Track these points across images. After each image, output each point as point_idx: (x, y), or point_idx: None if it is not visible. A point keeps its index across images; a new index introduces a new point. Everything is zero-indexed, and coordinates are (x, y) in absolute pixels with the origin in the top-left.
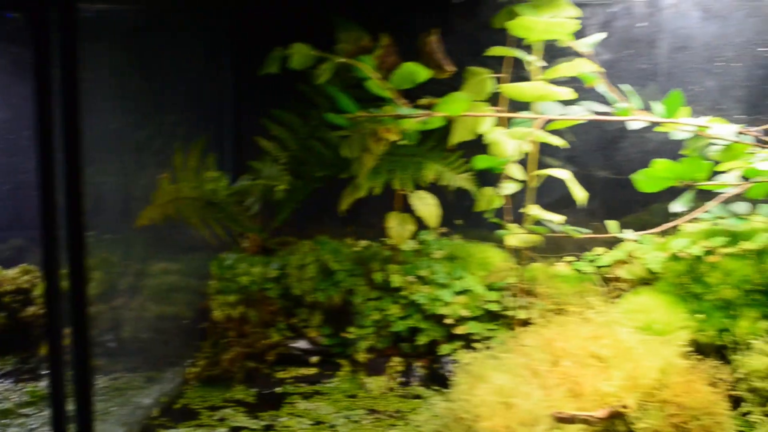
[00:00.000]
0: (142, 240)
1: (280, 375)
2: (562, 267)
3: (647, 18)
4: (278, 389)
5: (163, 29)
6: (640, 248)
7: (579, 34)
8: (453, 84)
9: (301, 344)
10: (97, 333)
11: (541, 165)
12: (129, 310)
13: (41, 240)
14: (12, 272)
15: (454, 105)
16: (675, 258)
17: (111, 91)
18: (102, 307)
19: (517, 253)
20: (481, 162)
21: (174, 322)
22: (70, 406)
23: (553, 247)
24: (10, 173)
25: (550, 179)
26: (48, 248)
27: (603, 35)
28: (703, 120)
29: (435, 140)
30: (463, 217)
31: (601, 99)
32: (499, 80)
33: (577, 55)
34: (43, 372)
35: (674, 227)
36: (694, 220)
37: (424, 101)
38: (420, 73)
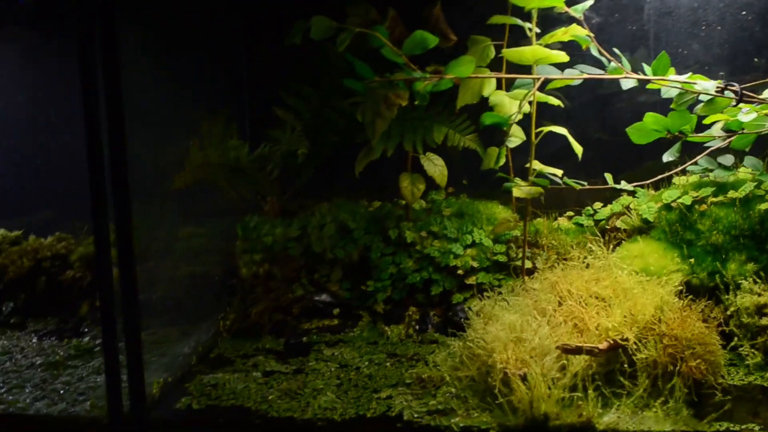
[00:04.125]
0: (173, 205)
1: (305, 326)
2: (563, 221)
3: None
4: (304, 338)
5: (191, 13)
6: (635, 201)
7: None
8: (456, 54)
9: (324, 297)
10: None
11: (540, 126)
12: (164, 270)
13: (91, 210)
14: (48, 240)
15: (461, 68)
16: (667, 208)
17: (147, 67)
18: (138, 268)
19: (520, 209)
20: (488, 118)
21: (205, 280)
22: (120, 357)
23: (555, 203)
24: (38, 151)
25: (548, 144)
26: (97, 216)
27: (592, 1)
28: (687, 76)
29: (442, 105)
30: (469, 176)
31: (594, 64)
32: (499, 48)
33: (568, 23)
34: (85, 329)
35: (666, 179)
36: (684, 173)
37: (430, 69)
38: (430, 39)
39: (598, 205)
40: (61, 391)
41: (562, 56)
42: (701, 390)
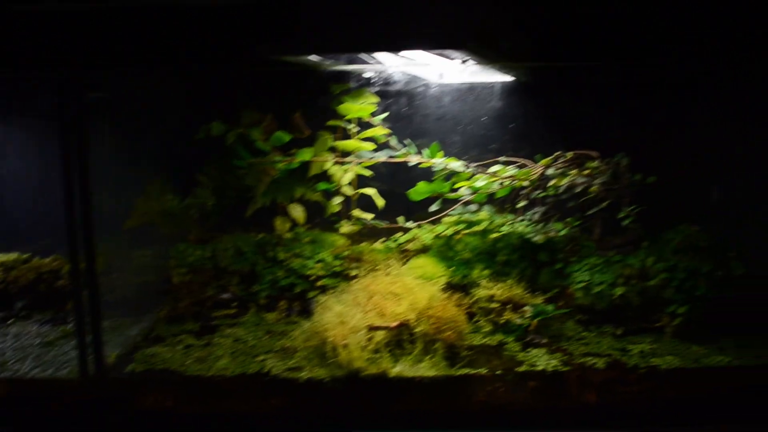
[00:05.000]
0: (129, 237)
1: (214, 314)
2: (378, 245)
3: (421, 101)
4: (213, 322)
5: (140, 109)
6: (420, 232)
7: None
8: (311, 141)
9: (226, 295)
10: (102, 294)
11: (361, 185)
12: (122, 280)
13: (68, 240)
14: (47, 260)
15: (304, 154)
16: (438, 237)
17: (110, 147)
18: (105, 278)
19: (351, 237)
20: (322, 185)
21: (149, 286)
22: (88, 338)
23: (374, 234)
24: (43, 202)
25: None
26: (72, 245)
27: (386, 114)
28: (444, 159)
29: (301, 173)
30: (320, 218)
31: (393, 147)
32: (335, 138)
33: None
34: (70, 319)
35: (438, 219)
36: (448, 215)
37: (290, 152)
38: (285, 137)
39: (399, 234)
40: (51, 361)
41: (370, 146)
42: (453, 350)
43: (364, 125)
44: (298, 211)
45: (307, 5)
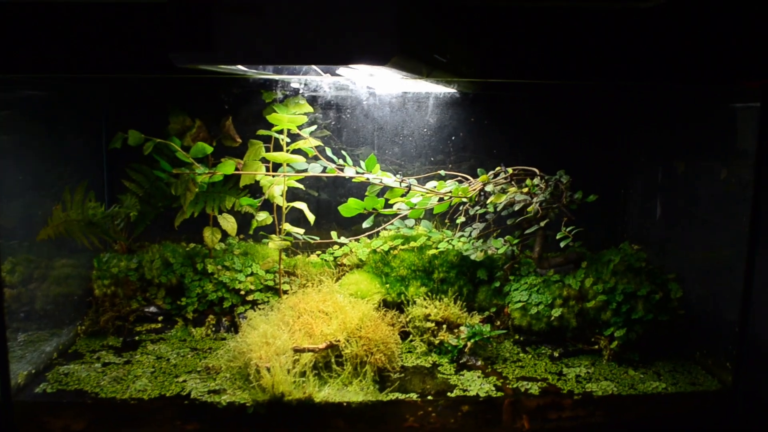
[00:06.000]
0: (50, 245)
1: (138, 329)
2: (314, 257)
3: (359, 111)
4: (137, 338)
5: (63, 110)
6: (356, 246)
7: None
8: (242, 150)
9: (152, 309)
10: (18, 306)
11: (293, 198)
12: (40, 290)
13: None
14: None
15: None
16: (374, 252)
17: (23, 150)
18: (22, 289)
19: (286, 249)
20: (244, 201)
21: (69, 298)
22: None
23: (310, 246)
24: None
25: (314, 211)
26: None
27: (314, 127)
28: (377, 174)
29: (232, 183)
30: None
31: (329, 160)
32: (267, 149)
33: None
34: None
35: (377, 233)
36: (386, 229)
37: (219, 161)
38: (207, 148)
39: (336, 248)
40: None
41: (300, 159)
42: (383, 373)
43: (297, 135)
44: (229, 222)
45: (225, 15)
